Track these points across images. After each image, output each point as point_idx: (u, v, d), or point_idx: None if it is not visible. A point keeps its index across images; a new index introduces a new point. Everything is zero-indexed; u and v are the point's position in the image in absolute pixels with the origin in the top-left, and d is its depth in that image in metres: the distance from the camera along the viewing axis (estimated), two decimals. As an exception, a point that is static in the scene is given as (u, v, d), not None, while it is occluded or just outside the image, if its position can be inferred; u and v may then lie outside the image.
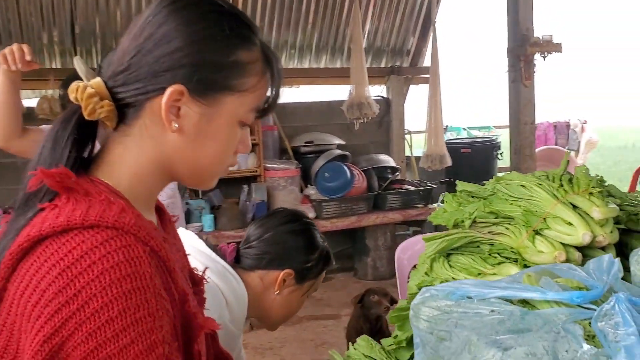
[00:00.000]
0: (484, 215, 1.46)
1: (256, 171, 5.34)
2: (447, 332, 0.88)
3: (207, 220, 4.88)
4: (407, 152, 6.46)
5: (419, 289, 1.49)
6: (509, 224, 1.42)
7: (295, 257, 1.62)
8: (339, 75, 6.17)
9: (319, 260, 1.67)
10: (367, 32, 6.17)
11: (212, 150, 0.86)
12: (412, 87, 6.54)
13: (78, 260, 0.72)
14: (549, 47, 4.87)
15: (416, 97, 7.01)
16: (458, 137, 7.37)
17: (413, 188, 5.40)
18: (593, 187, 1.37)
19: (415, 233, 5.74)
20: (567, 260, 1.28)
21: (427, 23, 6.29)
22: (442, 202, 6.01)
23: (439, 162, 5.15)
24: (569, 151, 8.12)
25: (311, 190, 5.38)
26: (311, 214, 5.18)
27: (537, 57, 4.93)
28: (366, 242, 5.50)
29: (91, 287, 0.71)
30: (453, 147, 5.35)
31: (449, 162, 5.20)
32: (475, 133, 8.10)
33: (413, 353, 1.40)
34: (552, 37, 4.86)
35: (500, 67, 5.18)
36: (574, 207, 1.35)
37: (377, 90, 6.39)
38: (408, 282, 1.78)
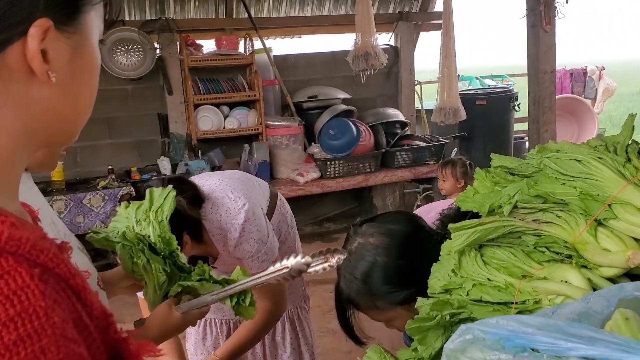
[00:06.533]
0: (528, 199, 1.15)
1: (257, 129, 5.06)
2: (505, 405, 0.59)
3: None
4: (417, 105, 6.09)
5: (445, 290, 1.21)
6: (561, 210, 1.11)
7: None
8: (344, 23, 5.78)
9: None
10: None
11: (89, 88, 0.65)
12: (422, 35, 6.13)
13: None
14: (573, -13, 4.44)
15: (426, 45, 6.60)
16: (471, 87, 6.96)
17: (424, 144, 5.07)
18: (673, 163, 1.06)
19: (425, 191, 5.45)
20: (643, 262, 0.98)
21: (438, -37, 5.83)
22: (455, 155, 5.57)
23: (452, 116, 4.78)
24: (587, 100, 7.73)
25: (315, 149, 5.07)
26: (316, 174, 4.89)
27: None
28: (373, 201, 5.24)
29: None
30: (467, 99, 4.97)
31: (463, 115, 4.83)
32: (489, 82, 7.66)
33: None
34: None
35: (518, 11, 4.77)
36: (649, 189, 1.05)
37: (384, 39, 5.98)
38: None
